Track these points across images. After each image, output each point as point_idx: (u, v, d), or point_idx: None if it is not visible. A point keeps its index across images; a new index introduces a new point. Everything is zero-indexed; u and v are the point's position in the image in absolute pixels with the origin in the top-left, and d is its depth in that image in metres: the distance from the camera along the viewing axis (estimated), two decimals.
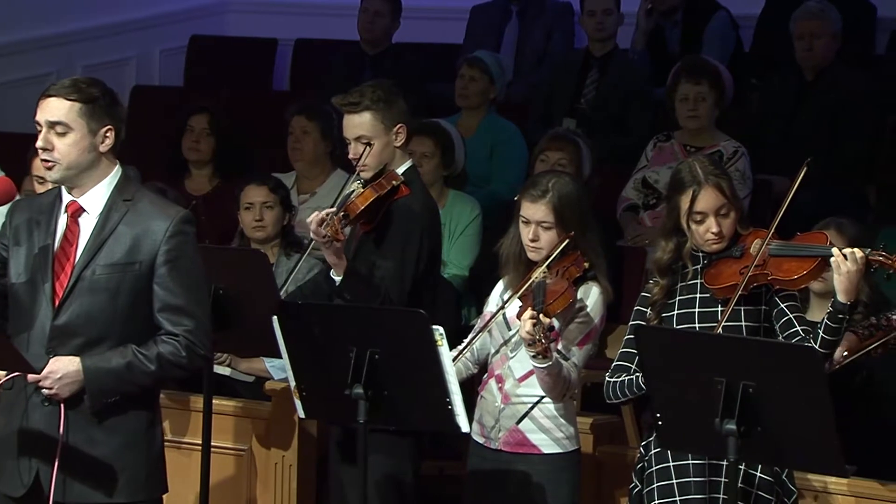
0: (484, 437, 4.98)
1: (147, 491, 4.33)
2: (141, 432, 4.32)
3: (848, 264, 4.54)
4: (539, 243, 4.88)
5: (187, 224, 4.31)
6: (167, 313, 4.28)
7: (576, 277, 4.86)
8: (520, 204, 4.95)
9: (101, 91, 4.33)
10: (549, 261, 4.83)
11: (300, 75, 9.12)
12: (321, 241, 5.07)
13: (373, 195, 5.12)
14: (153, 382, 4.32)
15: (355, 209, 5.12)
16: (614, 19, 7.90)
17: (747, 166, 6.94)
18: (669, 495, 4.66)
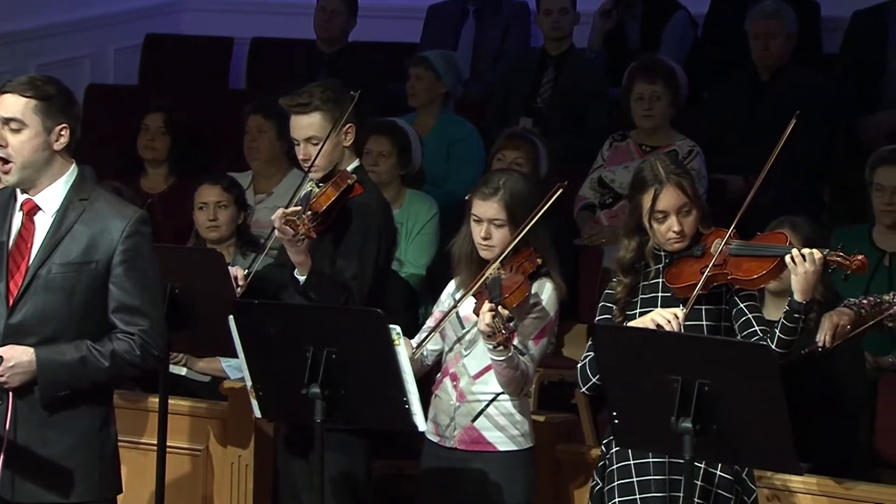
0: (439, 436, 4.98)
1: (100, 491, 4.31)
2: (94, 432, 4.30)
3: (806, 265, 4.57)
4: (491, 241, 4.89)
5: (144, 224, 4.30)
6: (122, 313, 4.26)
7: (530, 273, 4.87)
8: (471, 203, 4.96)
9: (57, 89, 4.31)
10: (502, 257, 4.84)
11: (256, 74, 9.10)
12: (290, 240, 5.06)
13: (335, 193, 5.13)
14: (107, 379, 4.30)
15: (320, 206, 5.12)
16: (570, 18, 7.92)
17: (702, 165, 6.97)
18: (630, 493, 4.68)
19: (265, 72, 8.91)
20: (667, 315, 4.58)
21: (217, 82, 9.11)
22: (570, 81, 7.83)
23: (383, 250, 5.26)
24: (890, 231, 6.25)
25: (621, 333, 4.60)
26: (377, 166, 6.85)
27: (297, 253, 5.09)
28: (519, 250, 4.90)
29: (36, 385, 4.22)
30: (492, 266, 4.84)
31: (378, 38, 8.69)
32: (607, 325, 4.74)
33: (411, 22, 8.73)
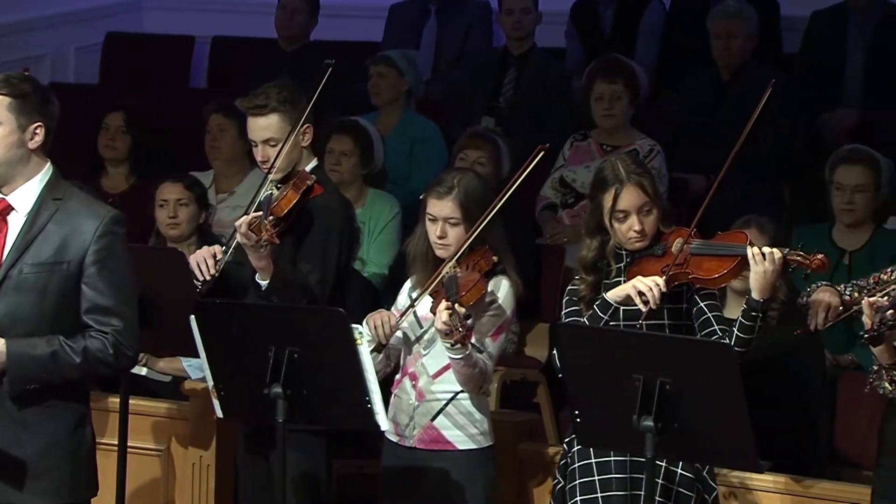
0: (398, 436, 4.98)
1: (72, 492, 4.27)
2: (68, 432, 4.26)
3: (766, 263, 4.58)
4: (447, 240, 4.89)
5: (117, 224, 4.27)
6: (95, 314, 4.23)
7: (485, 271, 4.87)
8: (426, 202, 4.95)
9: (32, 87, 4.29)
10: (457, 255, 4.83)
11: (218, 73, 9.07)
12: (253, 246, 5.04)
13: (296, 196, 5.11)
14: (78, 375, 4.26)
15: (281, 211, 5.10)
16: (532, 18, 7.94)
17: (663, 164, 6.99)
18: (591, 492, 4.69)
19: (226, 71, 8.88)
20: (648, 282, 4.59)
21: (178, 81, 9.08)
22: (532, 81, 7.84)
23: (345, 251, 5.25)
24: (850, 230, 6.29)
25: (583, 332, 4.61)
26: (339, 165, 6.84)
27: (260, 258, 5.07)
28: (474, 249, 4.91)
29: (5, 377, 4.18)
30: (448, 264, 4.84)
31: (339, 38, 8.68)
32: (569, 323, 4.75)
33: (373, 21, 8.72)
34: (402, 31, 8.56)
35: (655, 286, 4.58)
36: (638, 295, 4.59)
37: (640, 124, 7.17)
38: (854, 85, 7.60)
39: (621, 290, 4.66)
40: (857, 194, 6.22)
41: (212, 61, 9.15)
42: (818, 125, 7.54)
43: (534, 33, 7.95)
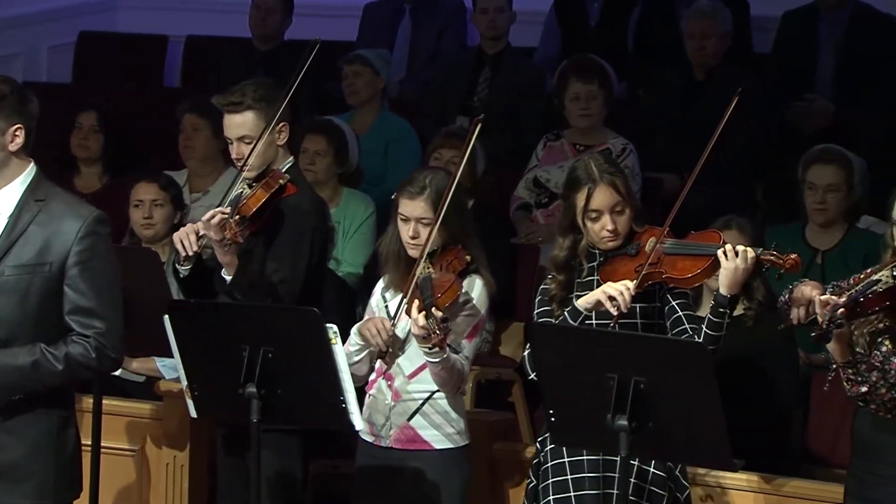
0: (374, 436, 4.97)
1: (56, 494, 4.25)
2: (52, 435, 4.24)
3: (737, 261, 4.59)
4: (419, 240, 4.88)
5: (100, 224, 4.24)
6: (78, 315, 4.20)
7: (459, 271, 4.87)
8: (398, 202, 4.95)
9: (10, 88, 4.26)
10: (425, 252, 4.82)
11: (191, 72, 9.05)
12: (216, 241, 5.03)
13: (265, 195, 5.10)
14: (61, 382, 4.24)
15: (248, 210, 5.09)
16: (506, 17, 7.94)
17: (636, 163, 7.01)
18: (564, 491, 4.70)
19: (200, 70, 8.86)
20: (618, 287, 4.59)
21: (151, 80, 9.05)
22: (506, 81, 7.84)
23: (316, 251, 5.24)
24: (822, 230, 6.31)
25: (557, 331, 4.61)
26: (314, 165, 6.84)
27: (224, 254, 5.07)
28: (447, 248, 4.90)
29: None
30: (420, 263, 4.84)
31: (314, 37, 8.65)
32: (543, 322, 4.75)
33: (347, 20, 8.72)
34: (377, 30, 8.55)
35: (626, 290, 4.59)
36: (608, 300, 4.60)
37: (613, 123, 7.18)
38: (825, 85, 7.62)
39: (591, 296, 4.67)
40: (829, 194, 6.24)
41: (185, 61, 9.13)
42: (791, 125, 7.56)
43: (508, 32, 7.96)
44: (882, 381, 4.37)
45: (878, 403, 4.39)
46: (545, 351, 4.51)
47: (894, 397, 4.37)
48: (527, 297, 6.47)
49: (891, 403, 4.38)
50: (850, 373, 4.39)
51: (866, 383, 4.37)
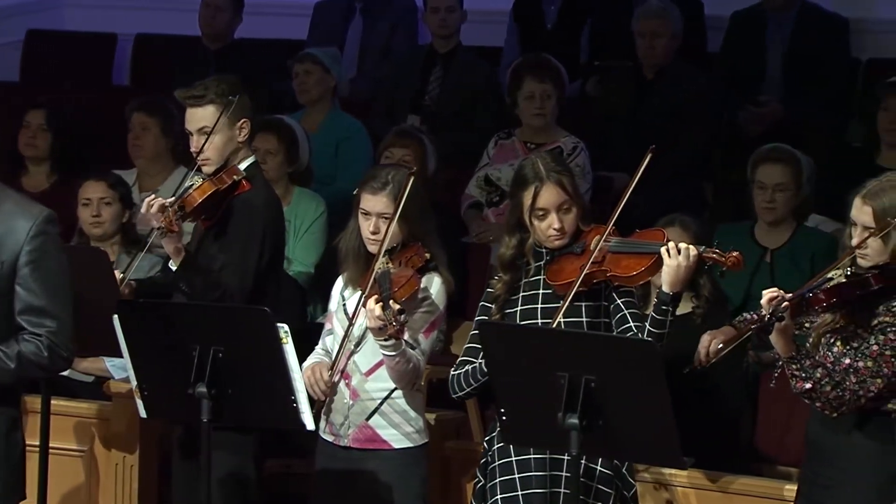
0: (333, 435, 4.96)
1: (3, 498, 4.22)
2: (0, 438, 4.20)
3: (679, 258, 4.60)
4: (380, 235, 4.88)
5: (50, 224, 4.22)
6: (29, 314, 4.17)
7: (418, 267, 4.87)
8: (359, 197, 4.95)
9: None
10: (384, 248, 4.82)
11: (141, 71, 9.01)
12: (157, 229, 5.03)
13: (211, 188, 5.09)
14: (12, 381, 4.21)
15: (192, 202, 5.08)
16: (457, 16, 7.95)
17: (587, 162, 7.03)
18: (511, 490, 4.70)
19: (149, 69, 8.82)
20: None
21: (100, 79, 9.00)
22: (457, 79, 7.85)
23: (268, 248, 5.23)
24: (771, 228, 6.34)
25: (508, 330, 4.61)
26: (264, 164, 6.78)
27: (167, 243, 5.06)
28: (407, 245, 4.91)
29: None
30: (379, 259, 4.84)
31: (264, 36, 8.64)
32: (494, 321, 4.75)
33: (297, 19, 8.70)
34: (327, 29, 8.54)
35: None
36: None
37: (564, 122, 7.20)
38: (773, 84, 7.67)
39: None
40: (778, 193, 6.28)
41: (135, 59, 9.09)
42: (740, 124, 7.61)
43: (459, 31, 7.97)
44: (827, 378, 4.39)
45: (823, 401, 4.41)
46: (496, 349, 4.51)
47: (839, 396, 4.39)
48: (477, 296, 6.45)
49: (836, 402, 4.40)
50: (794, 368, 4.41)
51: (810, 380, 4.40)
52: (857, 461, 4.44)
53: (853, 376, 4.38)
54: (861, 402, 4.40)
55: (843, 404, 4.40)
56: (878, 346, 4.38)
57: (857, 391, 4.38)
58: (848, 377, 4.39)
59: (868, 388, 4.38)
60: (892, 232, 4.39)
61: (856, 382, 4.38)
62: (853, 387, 4.38)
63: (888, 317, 4.40)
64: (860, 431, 4.44)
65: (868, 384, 4.38)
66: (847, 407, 4.40)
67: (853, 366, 4.39)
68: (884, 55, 7.81)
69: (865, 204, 4.42)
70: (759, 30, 7.72)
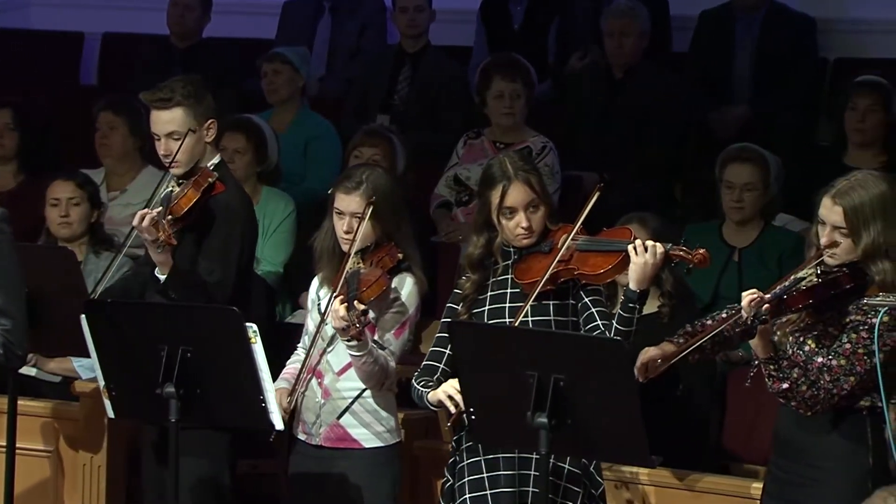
0: (306, 434, 4.97)
1: None
2: None
3: (646, 256, 4.61)
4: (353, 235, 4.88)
5: (4, 223, 4.20)
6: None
7: (390, 268, 4.87)
8: (334, 196, 4.95)
9: None
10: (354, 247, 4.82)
11: (108, 70, 8.97)
12: (150, 242, 4.99)
13: (196, 195, 5.07)
14: None
15: (180, 210, 5.05)
16: (426, 16, 7.95)
17: (556, 161, 7.04)
18: (480, 489, 4.70)
19: (117, 68, 8.79)
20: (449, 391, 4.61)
21: (67, 78, 8.97)
22: (426, 79, 7.85)
23: (246, 250, 5.23)
24: (739, 227, 6.37)
25: (477, 329, 4.62)
26: (232, 163, 6.78)
27: (158, 254, 5.03)
28: (380, 245, 4.91)
29: None
30: (351, 260, 4.83)
31: (233, 35, 8.62)
32: (463, 321, 4.75)
33: (266, 18, 8.68)
34: (296, 28, 8.53)
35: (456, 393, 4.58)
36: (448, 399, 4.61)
37: (533, 122, 7.21)
38: (742, 84, 7.70)
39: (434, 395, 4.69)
40: (746, 192, 6.30)
41: (102, 58, 9.05)
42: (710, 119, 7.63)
43: (428, 31, 7.97)
44: (803, 378, 4.41)
45: (799, 400, 4.42)
46: (465, 348, 4.51)
47: (814, 395, 4.41)
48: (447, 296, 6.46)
49: (811, 401, 4.42)
50: (771, 369, 4.43)
51: (787, 380, 4.41)
52: (831, 459, 4.45)
53: (827, 375, 4.40)
54: (834, 401, 4.42)
55: (817, 403, 4.41)
56: (850, 344, 4.40)
57: (832, 390, 4.39)
58: (822, 376, 4.41)
59: (841, 386, 4.39)
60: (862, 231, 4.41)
61: (830, 381, 4.39)
62: (827, 385, 4.40)
63: (859, 315, 4.42)
64: (834, 429, 4.46)
65: (841, 382, 4.39)
66: (821, 406, 4.42)
67: (826, 364, 4.40)
68: (851, 55, 7.84)
69: (836, 204, 4.44)
70: (727, 30, 7.75)
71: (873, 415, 4.46)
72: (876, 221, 4.40)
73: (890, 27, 7.87)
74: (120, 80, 8.42)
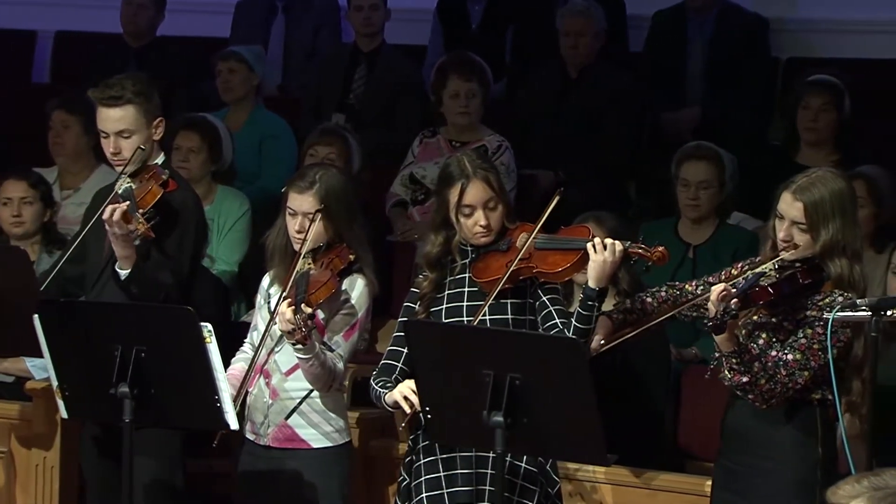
0: (254, 434, 4.95)
1: None
2: None
3: (605, 254, 4.63)
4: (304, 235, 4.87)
5: None
6: None
7: (340, 269, 4.86)
8: (287, 195, 4.93)
9: None
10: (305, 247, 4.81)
11: (61, 68, 8.92)
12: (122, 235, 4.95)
13: (159, 190, 5.05)
14: None
15: (147, 204, 5.03)
16: (381, 15, 7.94)
17: (511, 160, 7.05)
18: (437, 488, 4.70)
19: (70, 66, 8.73)
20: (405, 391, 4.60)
21: (20, 76, 8.90)
22: (382, 77, 7.84)
23: (198, 248, 5.22)
24: (695, 225, 6.40)
25: (433, 328, 4.61)
26: (187, 162, 6.77)
27: (125, 248, 5.00)
28: (332, 246, 4.90)
29: None
30: (300, 260, 4.82)
31: (187, 33, 8.59)
32: (419, 320, 4.75)
33: (220, 17, 8.65)
34: (249, 27, 8.50)
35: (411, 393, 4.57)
36: (404, 400, 4.61)
37: (488, 121, 7.21)
38: (695, 83, 7.74)
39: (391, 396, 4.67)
40: (701, 190, 6.33)
41: (55, 56, 9.00)
42: (663, 121, 7.67)
43: (383, 30, 7.96)
44: (762, 371, 4.44)
45: (757, 394, 4.46)
46: (421, 347, 4.50)
47: (772, 388, 4.45)
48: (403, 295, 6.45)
49: (768, 394, 4.46)
50: (734, 362, 4.45)
51: (748, 373, 4.44)
52: (783, 450, 4.50)
53: (783, 369, 4.44)
54: (790, 394, 4.47)
55: (773, 397, 4.46)
56: (805, 339, 4.44)
57: (787, 384, 4.44)
58: (779, 370, 4.44)
59: (796, 380, 4.44)
60: (821, 228, 4.44)
61: (786, 375, 4.44)
62: (784, 379, 4.44)
63: (815, 310, 4.45)
64: (787, 421, 4.50)
65: (796, 377, 4.44)
66: (777, 399, 4.46)
67: (782, 358, 4.44)
68: (803, 54, 7.89)
69: (797, 199, 4.47)
70: (680, 29, 7.78)
71: (823, 407, 4.51)
72: (835, 218, 4.44)
73: (841, 27, 7.92)
74: (73, 78, 8.37)
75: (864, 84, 7.06)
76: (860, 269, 4.52)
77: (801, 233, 4.46)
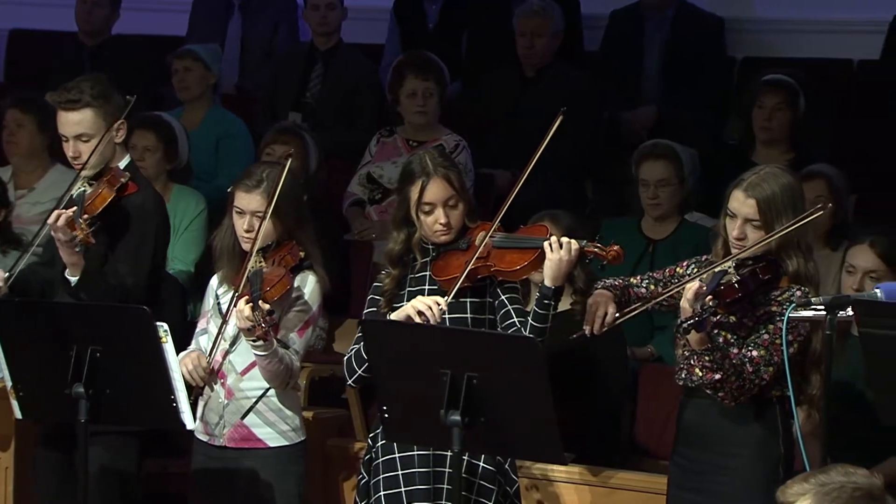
0: (208, 435, 4.93)
1: None
2: None
3: (561, 252, 4.64)
4: (254, 234, 4.85)
5: None
6: None
7: (292, 266, 4.86)
8: (234, 195, 4.92)
9: None
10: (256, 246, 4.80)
11: (16, 67, 8.86)
12: (65, 241, 4.92)
13: (110, 195, 5.02)
14: None
15: (95, 209, 5.00)
16: (338, 13, 7.93)
17: (468, 160, 7.06)
18: (395, 486, 4.70)
19: (25, 64, 8.68)
20: (427, 302, 4.61)
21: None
22: (339, 76, 7.83)
23: (160, 251, 5.20)
24: (658, 222, 6.44)
25: (390, 327, 4.61)
26: (142, 161, 6.73)
27: (71, 255, 4.98)
28: (281, 243, 4.89)
29: None
30: (252, 259, 4.81)
31: (143, 31, 8.55)
32: (376, 318, 4.75)
33: (177, 15, 8.61)
34: (206, 26, 8.48)
35: (436, 304, 4.59)
36: (417, 314, 4.60)
37: (445, 120, 7.22)
38: (651, 83, 7.76)
39: (402, 311, 4.66)
40: (661, 188, 6.36)
41: (9, 55, 8.94)
42: (620, 121, 7.69)
43: (340, 29, 7.95)
44: (732, 369, 4.46)
45: (727, 391, 4.48)
46: (378, 346, 4.50)
47: (740, 385, 4.47)
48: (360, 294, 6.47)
49: (737, 392, 4.48)
50: (706, 360, 4.47)
51: (720, 370, 4.46)
52: (746, 447, 4.52)
53: (749, 366, 4.46)
54: (755, 391, 4.48)
55: (742, 394, 4.48)
56: (768, 335, 4.47)
57: (754, 380, 4.47)
58: (744, 367, 4.46)
59: (762, 376, 4.47)
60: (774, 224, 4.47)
61: (752, 371, 4.46)
62: (750, 376, 4.46)
63: (774, 306, 4.48)
64: (750, 418, 4.52)
65: (762, 373, 4.46)
66: (744, 396, 4.48)
67: (746, 355, 4.46)
68: (759, 54, 7.94)
69: (749, 196, 4.49)
70: (637, 29, 7.80)
71: (782, 404, 4.53)
72: (787, 213, 4.47)
73: (797, 26, 7.97)
74: (27, 77, 8.32)
75: (818, 83, 7.11)
76: (814, 263, 4.56)
77: (754, 230, 4.48)
